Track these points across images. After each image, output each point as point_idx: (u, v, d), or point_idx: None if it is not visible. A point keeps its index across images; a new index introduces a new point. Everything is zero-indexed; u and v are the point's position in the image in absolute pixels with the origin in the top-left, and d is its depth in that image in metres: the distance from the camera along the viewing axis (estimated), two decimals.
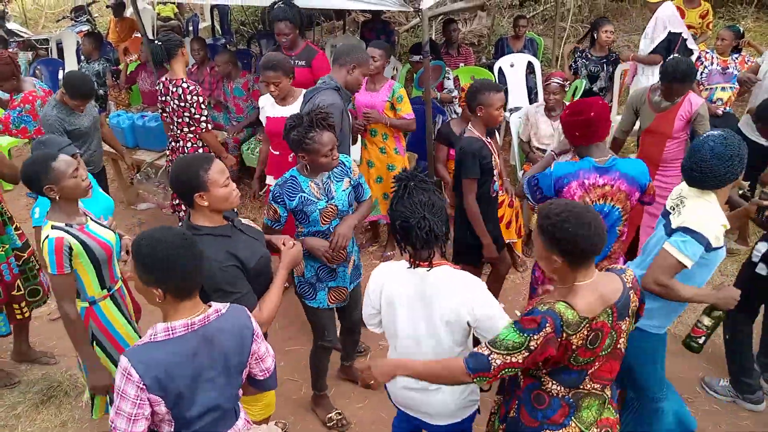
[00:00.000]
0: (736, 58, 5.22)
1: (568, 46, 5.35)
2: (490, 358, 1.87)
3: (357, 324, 3.33)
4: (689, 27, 6.29)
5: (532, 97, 6.34)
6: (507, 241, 4.49)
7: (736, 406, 3.37)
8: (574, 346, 1.85)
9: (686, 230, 2.37)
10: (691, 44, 5.08)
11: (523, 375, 2.04)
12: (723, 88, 5.22)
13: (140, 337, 2.84)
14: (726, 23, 8.73)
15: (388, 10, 6.67)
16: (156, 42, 4.19)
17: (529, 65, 6.36)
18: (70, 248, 2.54)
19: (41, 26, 12.01)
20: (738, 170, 2.34)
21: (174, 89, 4.13)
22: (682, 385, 3.50)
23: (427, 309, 2.19)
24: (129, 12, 8.61)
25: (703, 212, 2.40)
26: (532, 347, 1.83)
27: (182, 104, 4.12)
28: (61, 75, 7.36)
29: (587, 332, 1.86)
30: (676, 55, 3.84)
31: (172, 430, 1.84)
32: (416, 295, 2.21)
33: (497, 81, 6.23)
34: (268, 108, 3.91)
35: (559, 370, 1.95)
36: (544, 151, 4.57)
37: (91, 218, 2.75)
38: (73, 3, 10.87)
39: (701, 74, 5.29)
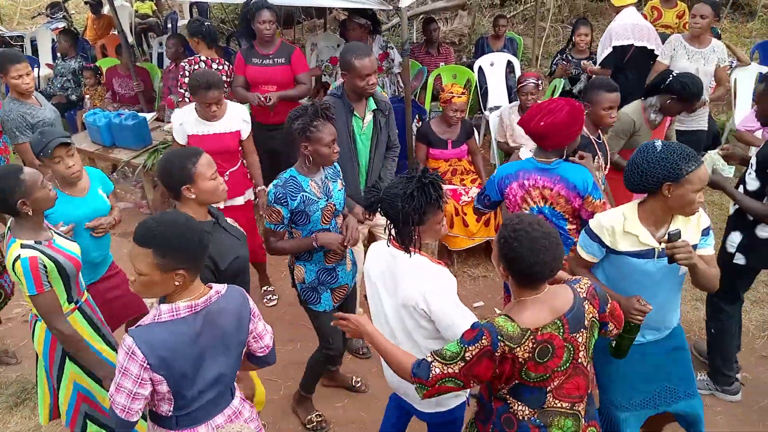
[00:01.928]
0: None
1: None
2: (431, 366, 1.89)
3: None
4: (666, 27, 6.38)
5: (512, 96, 6.36)
6: (486, 239, 4.53)
7: (711, 402, 3.42)
8: (521, 359, 1.82)
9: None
10: (657, 51, 4.87)
11: (493, 398, 2.01)
12: None
13: (112, 345, 2.82)
14: None
15: (370, 9, 6.65)
16: (207, 23, 4.54)
17: (509, 64, 6.39)
18: (44, 266, 2.43)
19: (16, 23, 11.78)
20: (634, 181, 2.29)
21: (219, 67, 4.49)
22: None
23: (394, 289, 2.24)
24: (107, 9, 8.50)
25: (607, 213, 2.45)
26: (467, 357, 1.84)
27: (228, 80, 4.50)
28: (35, 72, 7.23)
29: (533, 344, 1.82)
30: (685, 72, 3.50)
31: (171, 408, 1.87)
32: (388, 274, 2.27)
33: (477, 80, 6.26)
34: (190, 125, 3.66)
35: (518, 387, 1.92)
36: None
37: (54, 232, 2.65)
38: None
39: None
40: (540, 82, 4.67)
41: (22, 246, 2.43)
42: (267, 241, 2.84)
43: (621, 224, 2.35)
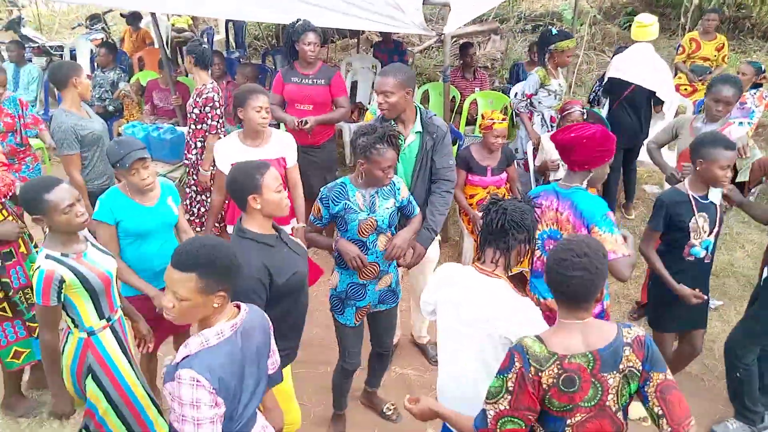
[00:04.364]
0: (754, 94, 5.23)
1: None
2: (486, 411, 1.86)
3: (387, 349, 3.32)
4: (705, 59, 6.33)
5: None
6: (521, 270, 4.46)
7: None
8: (544, 385, 1.79)
9: None
10: (661, 95, 4.88)
11: None
12: (740, 123, 5.22)
13: (136, 372, 2.77)
14: (738, 57, 8.75)
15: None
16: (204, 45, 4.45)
17: None
18: (62, 281, 2.45)
19: (55, 32, 12.04)
20: None
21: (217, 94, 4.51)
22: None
23: (477, 318, 2.22)
24: (144, 22, 8.65)
25: None
26: (510, 388, 1.81)
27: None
28: None
29: (558, 370, 1.79)
30: None
31: None
32: (469, 302, 2.25)
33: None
34: (235, 152, 3.41)
35: (542, 414, 1.87)
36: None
37: (91, 244, 2.66)
38: (87, 11, 10.91)
39: None
40: (584, 109, 4.63)
41: (47, 257, 2.47)
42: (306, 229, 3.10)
43: None
